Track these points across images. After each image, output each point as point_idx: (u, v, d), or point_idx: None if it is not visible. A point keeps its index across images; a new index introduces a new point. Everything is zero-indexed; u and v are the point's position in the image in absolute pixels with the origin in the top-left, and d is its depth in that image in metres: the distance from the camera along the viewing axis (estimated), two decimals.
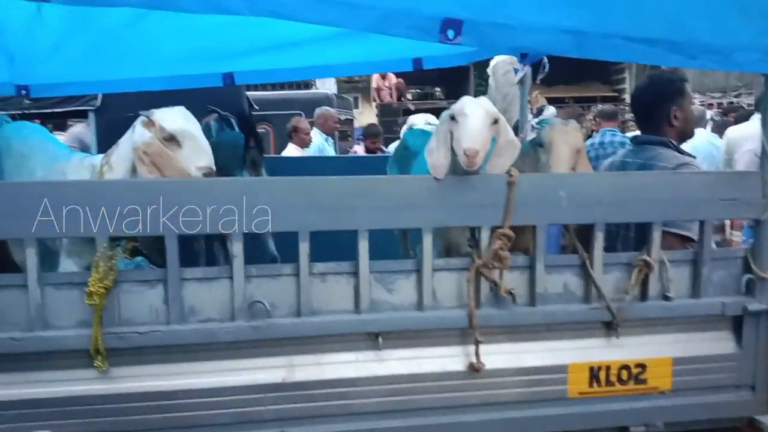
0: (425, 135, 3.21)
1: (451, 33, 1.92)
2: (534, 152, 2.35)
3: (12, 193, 1.81)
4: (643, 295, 2.23)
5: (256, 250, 2.61)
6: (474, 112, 2.08)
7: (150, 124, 2.01)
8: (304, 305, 2.01)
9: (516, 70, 3.94)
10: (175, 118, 2.03)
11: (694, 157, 2.59)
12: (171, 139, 1.99)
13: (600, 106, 9.00)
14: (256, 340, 1.98)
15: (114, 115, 4.71)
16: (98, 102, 5.55)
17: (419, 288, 2.08)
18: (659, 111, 2.64)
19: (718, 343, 2.29)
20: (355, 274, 2.04)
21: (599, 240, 2.16)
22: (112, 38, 3.63)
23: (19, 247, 1.96)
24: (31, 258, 1.83)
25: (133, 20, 3.49)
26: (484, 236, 2.08)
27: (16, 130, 2.60)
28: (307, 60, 3.99)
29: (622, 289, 2.20)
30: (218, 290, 1.97)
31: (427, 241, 2.06)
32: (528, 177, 2.10)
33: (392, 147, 8.89)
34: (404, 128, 7.51)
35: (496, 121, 2.12)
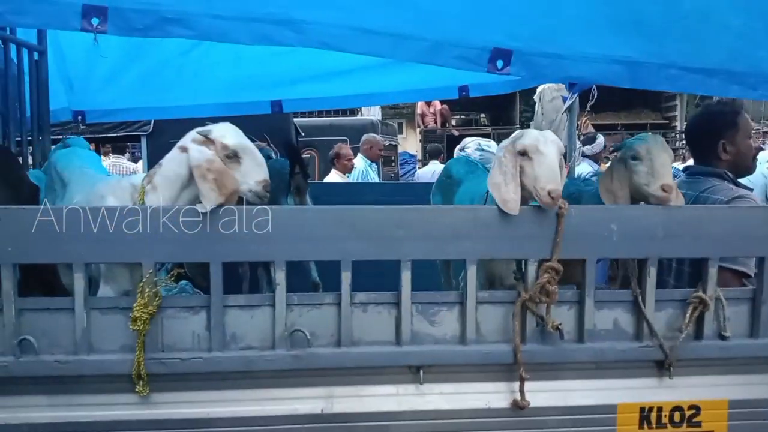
0: (469, 163, 3.19)
1: (500, 63, 1.91)
2: (624, 168, 2.25)
3: (60, 218, 1.84)
4: (698, 334, 2.14)
5: (298, 276, 2.61)
6: (550, 151, 2.06)
7: (208, 142, 1.99)
8: (345, 335, 1.98)
9: (564, 99, 3.89)
10: (234, 134, 2.01)
11: (751, 189, 2.50)
12: (233, 156, 1.98)
13: None
14: (296, 370, 1.96)
15: (165, 140, 4.84)
16: (150, 128, 5.73)
17: (462, 321, 2.04)
18: (708, 144, 2.57)
19: None
20: (397, 304, 2.01)
21: (652, 275, 2.08)
22: (165, 66, 3.76)
23: (67, 270, 1.99)
24: (78, 282, 1.86)
25: (186, 49, 3.60)
26: (531, 269, 2.03)
27: (61, 157, 2.65)
28: (354, 88, 4.04)
29: (676, 327, 2.11)
30: (260, 318, 1.96)
31: (472, 273, 2.01)
32: (578, 209, 2.04)
33: (423, 171, 8.88)
34: (456, 150, 7.51)
35: (562, 155, 2.12)
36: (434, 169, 8.04)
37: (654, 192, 2.13)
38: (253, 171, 1.99)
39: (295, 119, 6.64)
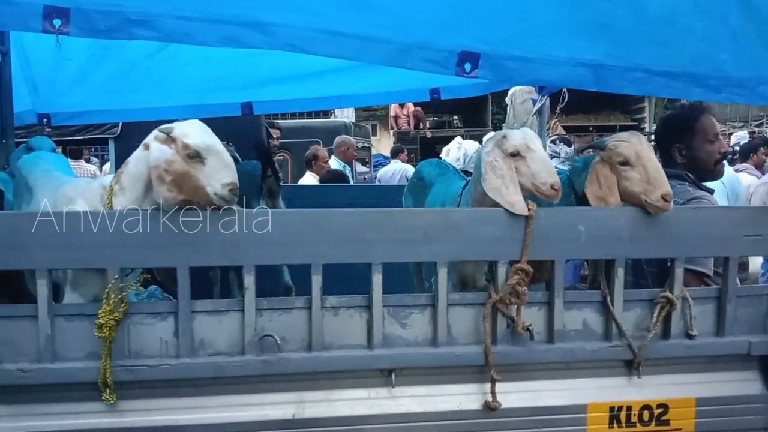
0: (440, 165, 3.20)
1: (467, 66, 1.92)
2: (609, 172, 2.17)
3: (22, 224, 1.80)
4: (666, 333, 2.17)
5: (270, 279, 2.59)
6: (539, 147, 2.12)
7: (170, 140, 1.89)
8: (316, 339, 1.97)
9: (533, 101, 3.93)
10: (198, 133, 1.90)
11: (711, 191, 2.52)
12: (195, 156, 1.87)
13: None
14: (266, 375, 1.94)
15: (134, 143, 4.77)
16: (118, 130, 5.64)
17: (434, 323, 2.04)
18: (666, 147, 2.59)
19: (744, 384, 2.22)
20: (368, 308, 2.00)
21: (620, 276, 2.11)
22: (134, 68, 3.70)
23: (31, 277, 1.95)
24: (42, 289, 1.82)
25: (155, 50, 3.55)
26: (501, 271, 2.04)
27: (26, 162, 2.59)
28: (326, 90, 4.03)
29: (644, 326, 2.14)
30: (229, 323, 1.94)
31: (442, 275, 2.02)
32: (547, 211, 2.06)
33: (384, 171, 8.88)
34: (445, 150, 7.56)
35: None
36: (395, 168, 8.09)
37: (654, 202, 2.07)
38: (219, 172, 1.86)
39: (266, 121, 6.58)
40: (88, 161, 10.37)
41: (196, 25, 1.98)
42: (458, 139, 7.87)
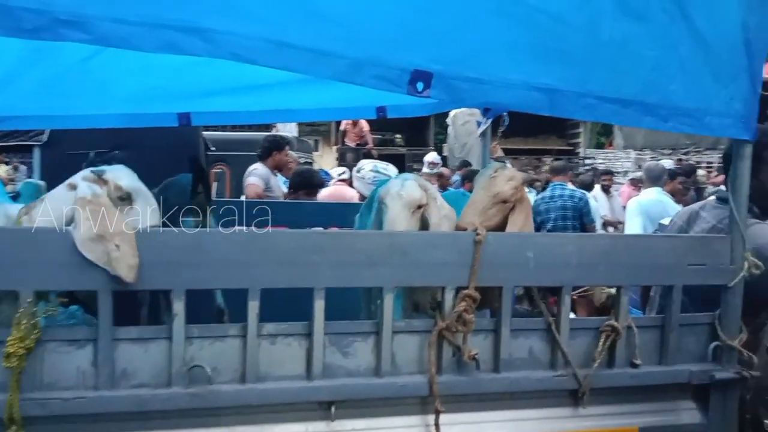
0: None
1: (420, 85, 1.85)
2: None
3: None
4: (611, 363, 2.15)
5: (202, 300, 2.44)
6: (393, 204, 2.16)
7: (101, 181, 1.94)
8: (251, 370, 1.84)
9: (478, 123, 3.92)
10: (129, 177, 2.00)
11: None
12: (126, 198, 1.95)
13: (552, 160, 9.26)
14: (195, 409, 1.79)
15: (62, 151, 4.51)
16: (45, 137, 5.32)
17: (378, 352, 1.95)
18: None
19: (685, 413, 2.22)
20: (308, 335, 1.89)
21: (566, 304, 2.08)
22: (66, 73, 3.47)
23: None
24: None
25: (89, 55, 3.34)
26: (448, 297, 1.97)
27: None
28: (269, 104, 3.91)
29: (590, 355, 2.11)
30: (155, 352, 1.79)
31: (388, 301, 1.93)
32: (496, 236, 2.02)
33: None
34: (354, 172, 7.53)
35: (420, 207, 2.15)
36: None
37: None
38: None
39: (205, 132, 6.37)
40: (16, 169, 9.86)
41: (133, 30, 1.83)
42: (362, 162, 7.93)
